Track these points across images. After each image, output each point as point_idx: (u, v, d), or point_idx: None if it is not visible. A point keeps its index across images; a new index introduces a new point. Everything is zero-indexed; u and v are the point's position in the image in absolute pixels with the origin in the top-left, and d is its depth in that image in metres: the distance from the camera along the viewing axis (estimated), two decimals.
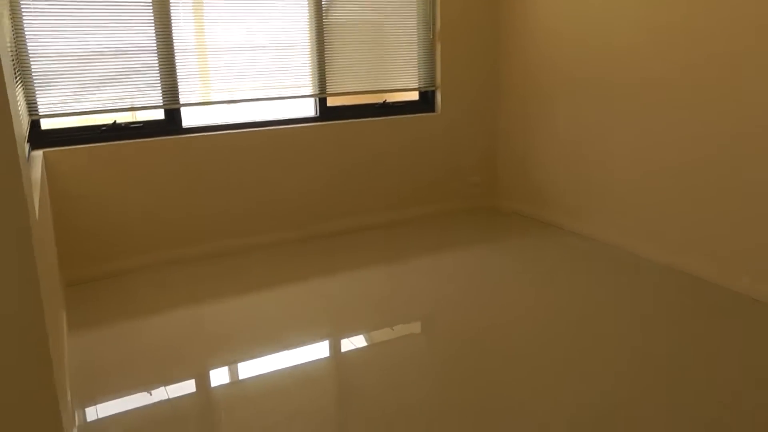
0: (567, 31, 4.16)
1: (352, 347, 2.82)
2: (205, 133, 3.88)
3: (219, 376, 2.59)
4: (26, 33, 3.27)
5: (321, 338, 2.90)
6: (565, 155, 4.36)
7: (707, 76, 3.32)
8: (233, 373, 2.62)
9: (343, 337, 2.90)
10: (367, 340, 2.88)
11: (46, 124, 3.51)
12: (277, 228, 4.21)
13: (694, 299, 3.19)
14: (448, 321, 3.03)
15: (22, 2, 3.22)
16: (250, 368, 2.64)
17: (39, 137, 3.48)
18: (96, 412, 2.34)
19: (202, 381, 2.56)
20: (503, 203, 4.99)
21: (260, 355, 2.74)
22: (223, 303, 3.29)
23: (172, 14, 3.64)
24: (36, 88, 3.35)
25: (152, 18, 3.60)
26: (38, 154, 3.30)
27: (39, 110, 3.38)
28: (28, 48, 3.29)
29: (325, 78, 4.22)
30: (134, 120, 3.79)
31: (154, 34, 3.62)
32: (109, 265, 3.68)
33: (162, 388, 2.48)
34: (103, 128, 3.65)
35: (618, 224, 3.98)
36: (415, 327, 3.04)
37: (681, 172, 3.54)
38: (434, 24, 4.55)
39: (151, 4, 3.57)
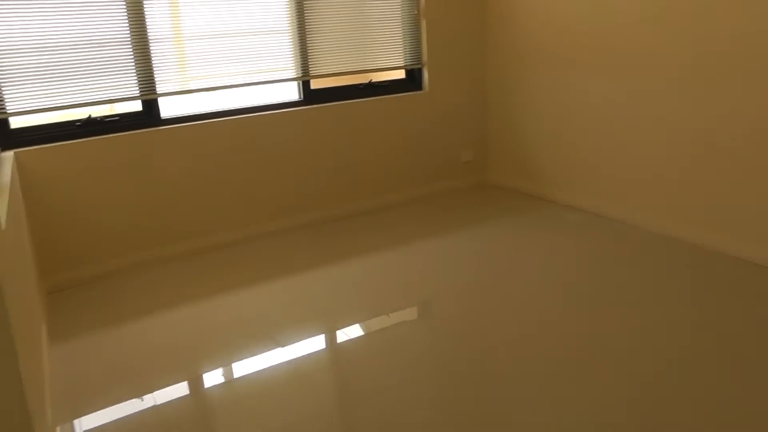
0: (553, 5, 4.01)
1: (350, 339, 2.71)
2: (185, 124, 3.72)
3: (211, 379, 2.47)
4: None
5: (318, 332, 2.78)
6: (554, 129, 4.24)
7: (694, 48, 3.19)
8: (226, 375, 2.50)
9: (340, 331, 2.79)
10: (364, 330, 2.76)
11: (16, 123, 3.35)
12: (265, 219, 4.07)
13: (694, 268, 3.10)
14: (450, 307, 2.92)
15: None
16: (243, 369, 2.52)
17: (8, 137, 3.31)
18: (80, 425, 2.22)
19: (194, 386, 2.44)
20: (496, 179, 4.86)
21: (253, 354, 2.63)
22: (212, 301, 3.16)
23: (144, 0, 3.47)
24: (2, 85, 3.17)
25: (124, 4, 3.42)
26: (8, 155, 3.14)
27: (6, 108, 3.21)
28: None
29: (307, 60, 4.06)
30: (111, 113, 3.62)
31: (126, 22, 3.44)
32: (91, 269, 3.54)
33: (150, 395, 2.37)
34: (78, 123, 3.49)
35: (609, 194, 3.89)
36: (417, 314, 2.93)
37: (668, 142, 3.43)
38: (419, 0, 4.39)
39: None
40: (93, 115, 3.52)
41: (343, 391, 2.32)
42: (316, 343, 2.70)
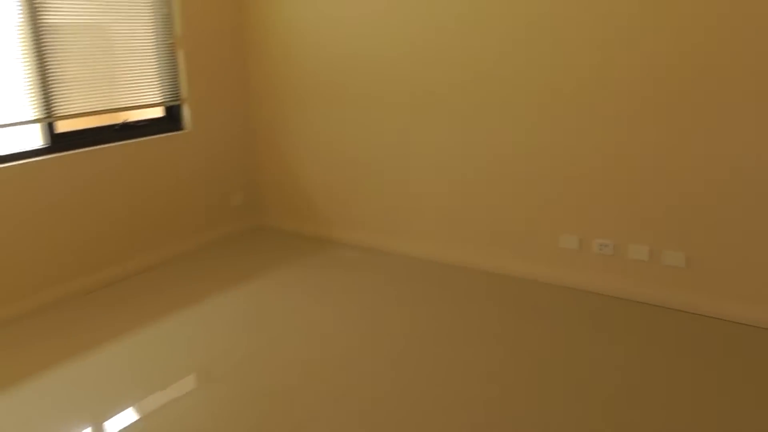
0: (318, 35, 3.92)
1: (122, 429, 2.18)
2: None
3: None
4: None
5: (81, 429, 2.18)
6: (327, 165, 4.16)
7: (470, 77, 3.44)
8: None
9: (108, 422, 2.23)
10: (139, 413, 2.26)
11: None
12: (16, 296, 3.11)
13: (488, 293, 3.31)
14: (233, 372, 2.56)
15: None
16: None
17: None
18: None
19: None
20: (272, 222, 4.57)
21: None
22: None
23: None
24: None
25: None
26: None
27: None
28: None
29: (50, 98, 3.23)
30: None
31: None
32: None
33: None
34: None
35: (391, 230, 3.96)
36: (197, 384, 2.50)
37: (443, 170, 3.65)
38: (174, 28, 3.86)
39: None
40: None
41: None
42: None
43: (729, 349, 2.63)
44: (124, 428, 2.25)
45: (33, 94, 3.17)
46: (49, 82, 3.23)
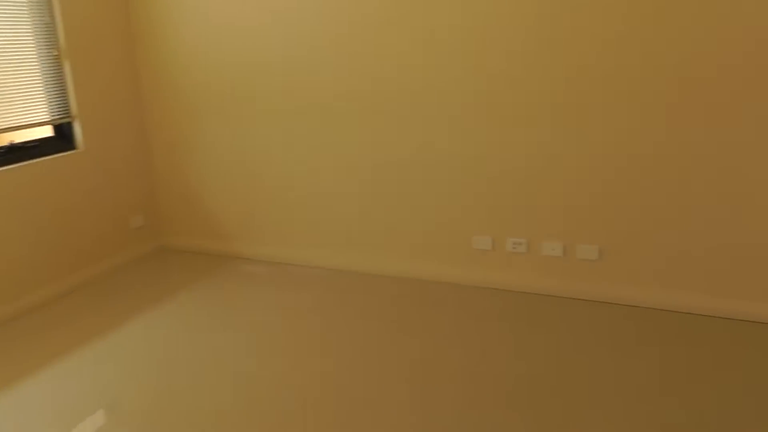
0: (209, 44, 3.79)
1: None
2: None
3: None
4: None
5: None
6: (229, 177, 4.02)
7: (369, 82, 3.49)
8: None
9: None
10: None
11: None
12: None
13: (400, 299, 3.42)
14: (146, 410, 2.49)
15: None
16: None
17: None
18: None
19: None
20: (175, 242, 4.33)
21: None
22: None
23: None
24: None
25: None
26: None
27: None
28: None
29: None
30: None
31: None
32: None
33: None
34: None
35: (298, 241, 3.93)
36: (108, 425, 2.40)
37: (347, 177, 3.69)
38: (57, 38, 3.53)
39: None
40: None
41: None
42: None
43: (644, 335, 2.90)
44: None
45: None
46: None
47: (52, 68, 3.52)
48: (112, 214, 3.94)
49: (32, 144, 3.46)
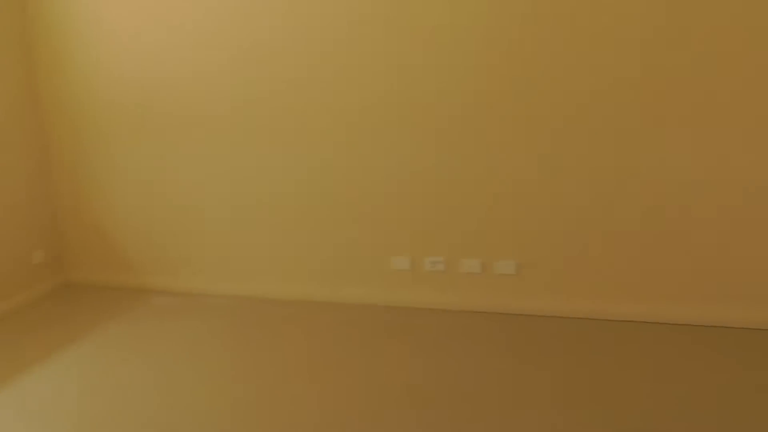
0: (114, 61, 3.67)
1: None
2: None
3: None
4: None
5: None
6: (139, 206, 3.87)
7: (278, 108, 3.46)
8: None
9: None
10: None
11: None
12: None
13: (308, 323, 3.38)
14: None
15: None
16: None
17: None
18: None
19: None
20: (81, 277, 4.10)
21: None
22: None
23: None
24: None
25: None
26: None
27: None
28: None
29: None
30: None
31: None
32: None
33: None
34: None
35: (212, 271, 3.83)
36: None
37: (261, 204, 3.62)
38: None
39: None
40: None
41: None
42: None
43: (566, 344, 2.99)
44: None
45: None
46: None
47: None
48: (12, 250, 3.69)
49: None
